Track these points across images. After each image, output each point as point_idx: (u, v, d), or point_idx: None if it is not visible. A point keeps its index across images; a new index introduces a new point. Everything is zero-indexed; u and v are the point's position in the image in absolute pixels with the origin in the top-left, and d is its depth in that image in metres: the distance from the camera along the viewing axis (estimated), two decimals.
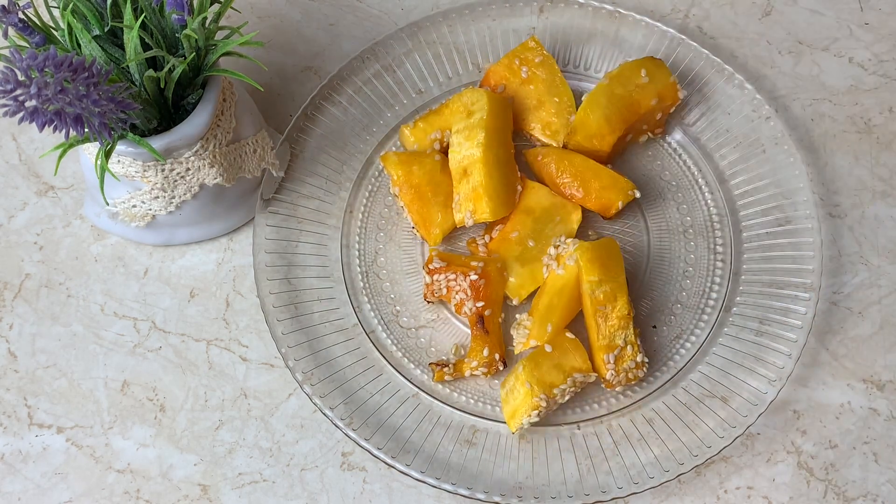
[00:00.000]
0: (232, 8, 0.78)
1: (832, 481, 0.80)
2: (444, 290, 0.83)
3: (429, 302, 0.85)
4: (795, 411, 0.82)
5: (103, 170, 0.72)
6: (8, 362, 0.85)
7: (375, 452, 0.78)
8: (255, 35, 0.81)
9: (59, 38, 0.74)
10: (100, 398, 0.83)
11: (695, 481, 0.80)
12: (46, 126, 0.62)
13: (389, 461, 0.78)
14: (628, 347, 0.79)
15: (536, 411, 0.77)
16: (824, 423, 0.82)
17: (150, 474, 0.81)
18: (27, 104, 0.60)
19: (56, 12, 0.76)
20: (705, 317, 0.85)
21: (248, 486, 0.80)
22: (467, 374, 0.82)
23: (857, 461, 0.81)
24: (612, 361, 0.79)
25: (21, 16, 0.70)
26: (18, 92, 0.59)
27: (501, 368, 0.82)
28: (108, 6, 0.73)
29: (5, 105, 0.59)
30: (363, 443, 0.78)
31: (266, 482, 0.80)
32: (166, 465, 0.81)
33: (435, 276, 0.83)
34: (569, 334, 0.81)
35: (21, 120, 0.60)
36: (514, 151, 0.88)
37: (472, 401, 0.82)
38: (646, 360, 0.80)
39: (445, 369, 0.82)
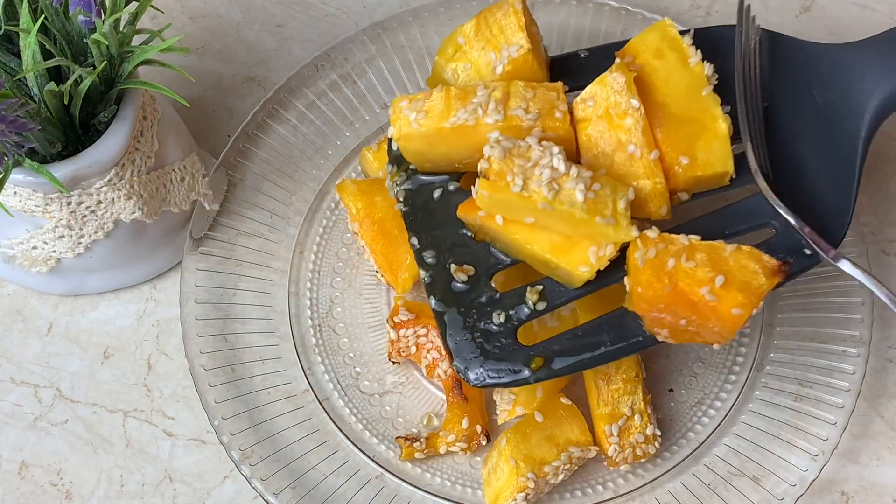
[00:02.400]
0: (154, 7, 0.79)
1: None
2: (413, 349, 0.83)
3: (394, 363, 0.86)
4: (844, 493, 0.82)
5: None
6: None
7: None
8: (181, 39, 0.82)
9: None
10: None
11: None
12: None
13: None
14: (636, 417, 0.79)
15: (523, 494, 0.77)
16: None
17: None
18: None
19: None
20: (732, 377, 0.85)
21: None
22: (442, 450, 0.82)
23: None
24: (615, 434, 0.79)
25: None
26: None
27: (484, 443, 0.82)
28: (1, 6, 0.74)
29: None
30: None
31: None
32: None
33: (402, 332, 0.83)
34: (564, 400, 0.81)
35: None
36: None
37: (448, 483, 0.82)
38: (657, 432, 0.80)
39: (416, 444, 0.82)
